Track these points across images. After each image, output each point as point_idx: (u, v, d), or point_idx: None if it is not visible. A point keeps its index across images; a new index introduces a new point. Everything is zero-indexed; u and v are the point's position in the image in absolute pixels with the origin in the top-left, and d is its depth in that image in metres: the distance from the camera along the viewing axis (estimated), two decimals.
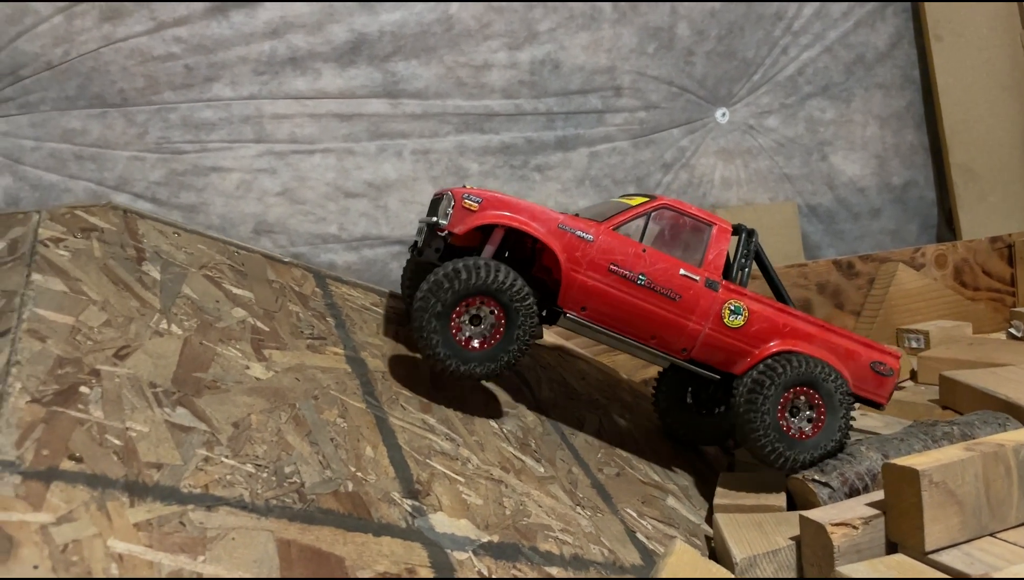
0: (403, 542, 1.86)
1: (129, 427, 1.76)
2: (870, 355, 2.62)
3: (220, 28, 3.94)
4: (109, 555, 1.48)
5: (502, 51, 4.25)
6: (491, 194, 2.49)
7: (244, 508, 1.73)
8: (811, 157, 4.62)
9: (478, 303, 2.38)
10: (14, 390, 1.70)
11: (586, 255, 2.48)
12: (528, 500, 2.23)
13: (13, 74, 3.73)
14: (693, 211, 2.63)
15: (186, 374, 2.01)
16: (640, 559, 2.22)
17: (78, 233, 2.30)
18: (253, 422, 1.98)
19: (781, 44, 4.55)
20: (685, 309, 2.52)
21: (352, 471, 2.00)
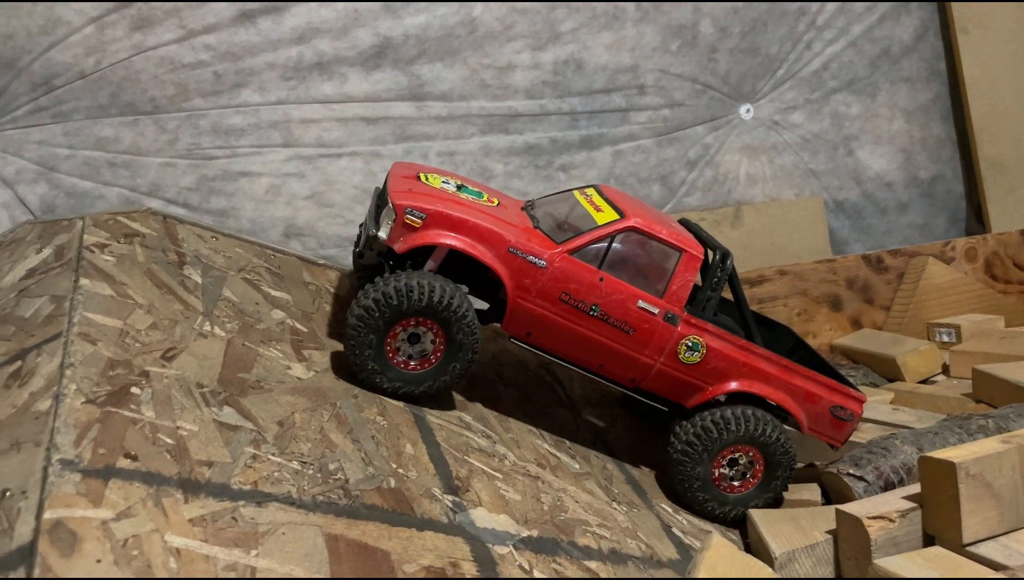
0: (446, 537, 1.89)
1: (180, 426, 1.81)
2: (832, 399, 2.52)
3: (248, 35, 4.00)
4: (167, 549, 1.52)
5: (525, 52, 4.28)
6: (437, 209, 2.29)
7: (292, 504, 1.77)
8: (837, 152, 4.60)
9: (414, 323, 2.26)
10: (69, 391, 1.76)
11: (536, 282, 2.31)
12: (565, 496, 2.25)
13: (47, 84, 3.81)
14: (663, 235, 2.41)
15: (231, 375, 2.06)
16: (676, 553, 2.24)
17: (121, 238, 2.36)
18: (297, 421, 2.02)
19: (805, 39, 4.54)
20: (639, 343, 2.38)
21: (393, 468, 2.03)
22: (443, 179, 2.60)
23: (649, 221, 2.42)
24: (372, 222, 2.38)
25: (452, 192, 2.47)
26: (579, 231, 2.40)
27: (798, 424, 2.51)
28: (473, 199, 2.46)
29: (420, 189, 2.41)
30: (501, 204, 2.53)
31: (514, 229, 2.35)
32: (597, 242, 2.36)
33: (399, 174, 2.55)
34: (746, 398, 2.49)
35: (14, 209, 3.87)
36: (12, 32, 3.70)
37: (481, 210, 2.38)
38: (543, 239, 2.38)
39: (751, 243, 4.40)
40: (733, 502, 2.49)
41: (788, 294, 3.79)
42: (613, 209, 2.48)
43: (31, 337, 1.98)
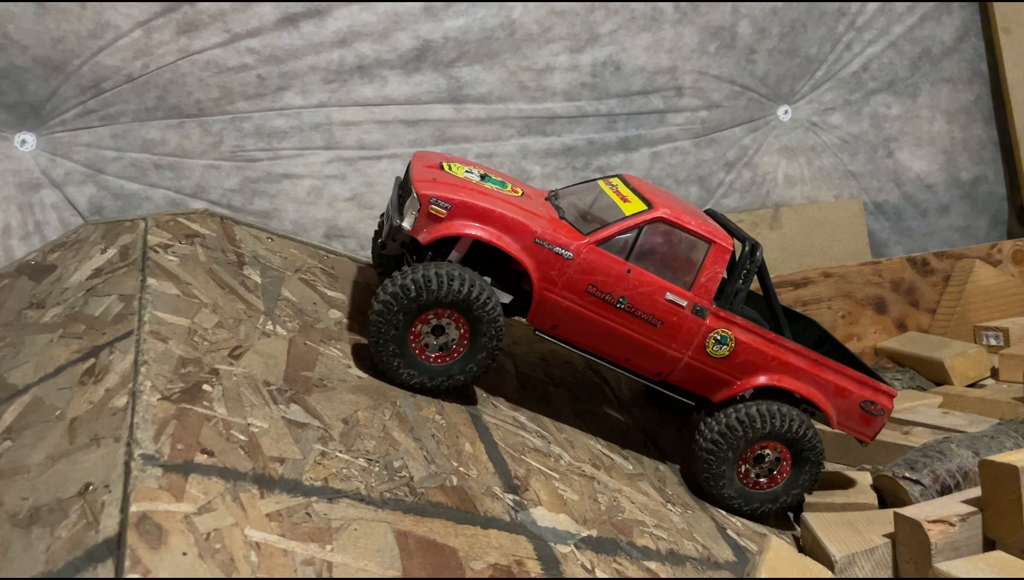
0: (509, 535, 1.90)
1: (251, 423, 1.84)
2: (862, 393, 2.47)
3: (291, 38, 4.05)
4: (247, 543, 1.55)
5: (564, 54, 4.29)
6: (463, 199, 2.25)
7: (362, 500, 1.79)
8: (876, 153, 4.56)
9: (439, 315, 2.22)
10: (145, 388, 1.79)
11: (563, 274, 2.27)
12: (620, 496, 2.26)
13: (95, 87, 3.88)
14: (692, 226, 2.36)
15: (295, 373, 2.09)
16: (733, 555, 2.23)
17: (183, 239, 2.40)
18: (360, 418, 2.05)
19: (844, 40, 4.51)
20: (666, 336, 2.33)
21: (455, 466, 2.05)
22: (466, 168, 2.56)
23: (677, 212, 2.38)
24: (395, 212, 2.34)
25: (476, 182, 2.43)
26: (606, 222, 2.36)
27: (828, 419, 2.47)
28: (498, 189, 2.43)
29: (444, 179, 2.37)
30: (525, 194, 2.50)
31: (540, 220, 2.31)
32: (625, 233, 2.32)
33: (422, 163, 2.51)
34: (774, 392, 2.45)
35: (63, 210, 3.95)
36: (62, 36, 3.77)
37: (506, 200, 2.34)
38: (569, 230, 2.33)
39: (789, 245, 4.38)
40: (759, 499, 2.46)
41: (832, 296, 3.77)
42: (640, 199, 2.43)
43: (102, 335, 2.03)
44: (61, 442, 1.76)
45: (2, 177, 3.85)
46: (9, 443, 1.83)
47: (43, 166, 3.85)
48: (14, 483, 1.71)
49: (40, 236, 3.88)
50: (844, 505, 2.47)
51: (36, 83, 3.78)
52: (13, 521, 1.62)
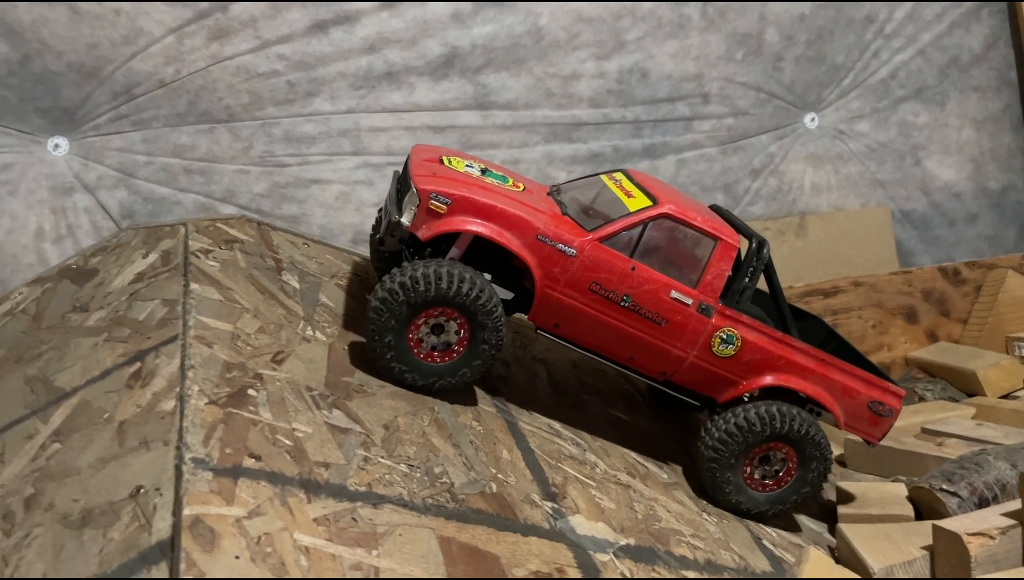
0: (549, 542, 1.91)
1: (295, 428, 1.86)
2: (870, 394, 2.43)
3: (320, 45, 4.08)
4: (297, 547, 1.56)
5: (590, 61, 4.30)
6: (463, 194, 2.19)
7: (405, 506, 1.80)
8: (904, 162, 4.54)
9: (438, 314, 2.17)
10: (192, 392, 1.81)
11: (566, 271, 2.22)
12: (656, 505, 2.26)
13: (127, 92, 3.93)
14: (698, 222, 2.32)
15: (335, 378, 2.11)
16: (769, 566, 2.23)
17: (223, 245, 2.42)
18: (400, 424, 2.06)
19: (872, 48, 4.50)
20: (671, 335, 2.29)
21: (493, 473, 2.06)
22: (467, 162, 2.51)
23: (683, 208, 2.33)
24: (394, 207, 2.28)
25: (477, 176, 2.38)
26: (609, 218, 2.30)
27: (835, 420, 2.42)
28: (499, 184, 2.38)
29: (444, 173, 2.32)
30: (527, 189, 2.46)
31: (542, 216, 2.25)
32: (629, 229, 2.27)
33: (421, 157, 2.45)
34: (780, 392, 2.40)
35: (95, 214, 3.99)
36: (96, 42, 3.82)
37: (508, 195, 2.29)
38: (572, 226, 2.28)
39: (816, 253, 4.36)
40: (763, 501, 2.42)
41: (863, 306, 3.75)
42: (645, 195, 2.38)
43: (147, 339, 2.05)
44: (110, 445, 1.78)
45: (35, 181, 3.90)
46: (58, 445, 1.85)
47: (76, 170, 3.90)
48: (65, 485, 1.73)
49: (72, 239, 3.93)
50: (880, 517, 2.46)
51: (70, 88, 3.84)
52: (65, 522, 1.65)
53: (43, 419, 1.95)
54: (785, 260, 4.35)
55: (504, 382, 2.53)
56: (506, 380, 2.55)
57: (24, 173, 3.90)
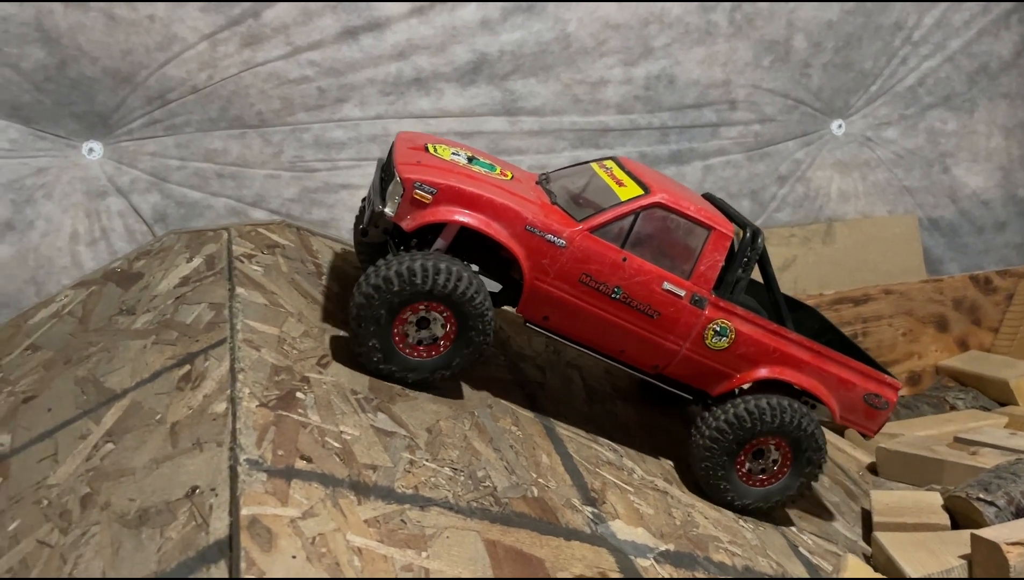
0: (591, 547, 1.93)
1: (343, 431, 1.89)
2: (866, 386, 2.38)
3: (351, 51, 4.13)
4: (350, 548, 1.59)
5: (617, 67, 4.32)
6: (449, 183, 2.12)
7: (451, 509, 1.82)
8: (932, 169, 4.53)
9: (424, 308, 2.10)
10: (243, 395, 1.84)
11: (555, 262, 2.16)
12: (694, 511, 2.27)
13: (161, 98, 3.98)
14: (691, 212, 2.25)
15: (378, 382, 2.13)
16: (807, 573, 2.23)
17: (264, 249, 2.46)
18: (442, 428, 2.08)
19: (900, 54, 4.49)
20: (663, 328, 2.24)
21: (534, 477, 2.08)
22: (453, 150, 2.45)
23: (676, 196, 2.27)
24: (378, 197, 2.22)
25: (463, 164, 2.32)
26: (600, 207, 2.24)
27: (830, 413, 2.37)
28: (486, 172, 2.32)
29: (429, 162, 2.26)
30: (515, 177, 2.41)
31: (531, 205, 2.20)
32: (620, 219, 2.20)
33: (406, 145, 2.38)
34: (775, 385, 2.35)
35: (128, 217, 4.05)
36: (131, 48, 3.88)
37: (495, 184, 2.23)
38: (562, 216, 2.22)
39: (843, 260, 4.36)
40: (758, 496, 2.37)
41: (893, 314, 3.74)
42: (637, 183, 2.32)
43: (195, 342, 2.09)
44: (163, 445, 1.82)
45: (70, 184, 3.96)
46: (111, 445, 1.89)
47: (109, 174, 3.96)
48: (120, 484, 1.77)
49: (106, 242, 3.99)
50: (916, 525, 2.45)
51: (105, 93, 3.90)
52: (122, 521, 1.68)
53: (95, 420, 1.99)
54: (811, 267, 4.35)
55: (540, 387, 2.55)
56: (542, 385, 2.56)
57: (59, 177, 3.97)
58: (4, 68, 3.73)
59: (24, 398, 2.20)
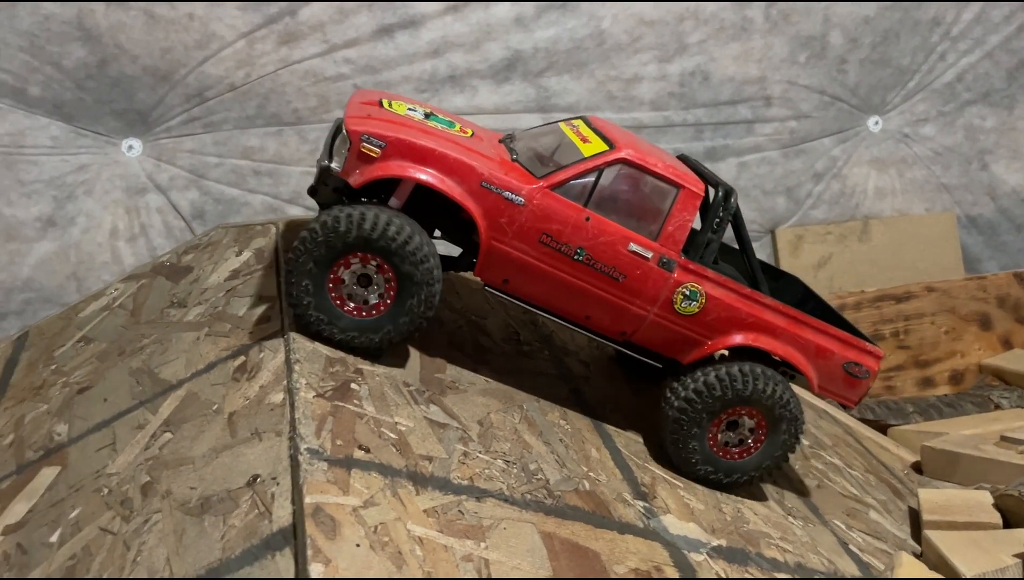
0: (645, 541, 1.92)
1: (397, 422, 1.90)
2: (845, 354, 2.24)
3: (386, 49, 4.15)
4: (412, 538, 1.59)
5: (652, 64, 4.31)
6: (398, 136, 2.00)
7: (506, 501, 1.82)
8: (971, 166, 4.47)
9: (361, 261, 1.98)
10: (300, 385, 1.86)
11: (514, 222, 2.03)
12: (743, 507, 2.25)
13: (199, 96, 4.02)
14: (658, 169, 2.13)
15: (429, 375, 2.14)
16: (858, 571, 2.21)
17: None
18: (493, 421, 2.08)
19: (939, 50, 4.43)
20: (629, 291, 2.12)
21: (584, 471, 2.08)
22: (409, 106, 2.32)
23: (643, 153, 2.15)
24: (325, 152, 2.12)
25: (419, 119, 2.20)
26: (562, 165, 2.12)
27: (808, 382, 2.26)
28: (443, 128, 2.20)
29: (380, 115, 2.14)
30: (476, 135, 2.28)
31: (488, 161, 2.07)
32: (583, 176, 2.08)
33: (359, 100, 2.27)
34: (749, 354, 2.22)
35: (167, 214, 4.10)
36: (170, 46, 3.92)
37: (450, 139, 2.11)
38: (522, 173, 2.10)
39: (879, 259, 4.31)
40: (731, 469, 2.25)
41: (935, 311, 3.70)
42: (602, 140, 2.20)
43: (249, 333, 2.10)
44: (222, 435, 1.83)
45: (110, 181, 4.01)
46: (169, 435, 1.91)
47: (148, 171, 4.00)
48: (180, 473, 1.79)
49: (145, 238, 4.04)
50: (967, 524, 2.42)
51: (144, 91, 3.94)
52: (184, 509, 1.70)
53: (151, 410, 2.01)
54: (847, 266, 4.31)
55: (586, 382, 2.54)
56: (587, 380, 2.56)
57: (99, 174, 4.02)
58: (46, 66, 3.79)
59: (79, 389, 2.23)
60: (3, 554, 1.83)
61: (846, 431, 3.19)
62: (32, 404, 2.29)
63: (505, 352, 2.45)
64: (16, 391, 2.41)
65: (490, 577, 1.59)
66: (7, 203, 3.90)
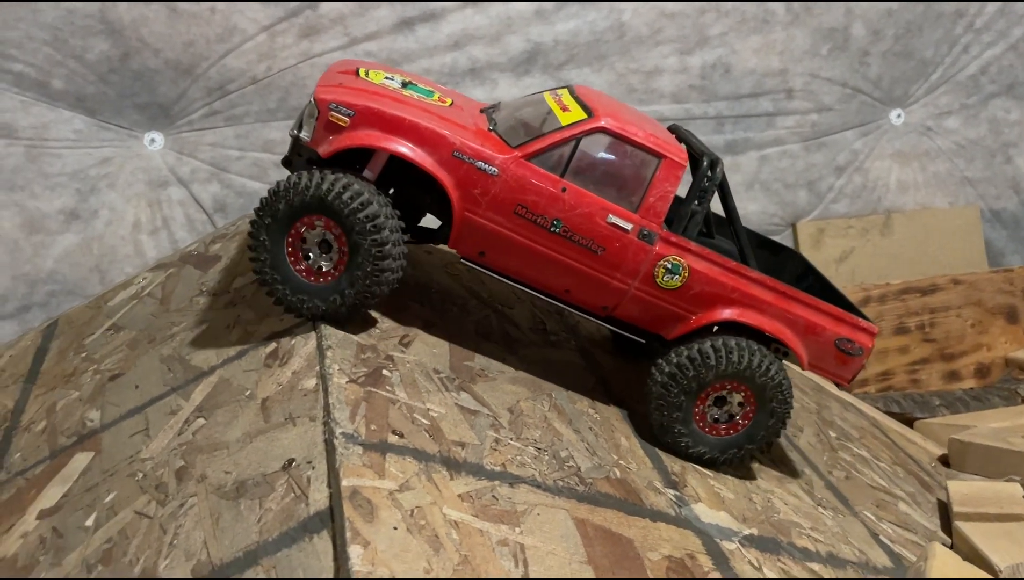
0: (677, 529, 1.91)
1: (429, 408, 1.90)
2: (837, 331, 2.16)
3: (407, 42, 4.15)
4: (448, 522, 1.59)
5: (673, 56, 4.29)
6: (367, 105, 1.96)
7: (539, 487, 1.82)
8: (994, 159, 4.42)
9: (327, 227, 1.94)
10: (333, 371, 1.86)
11: (487, 193, 1.98)
12: (773, 497, 2.24)
13: (221, 89, 4.04)
14: (638, 138, 2.05)
15: (459, 362, 2.14)
16: (889, 561, 2.19)
17: None
18: (523, 408, 2.08)
19: (962, 42, 4.39)
20: (609, 265, 2.05)
21: (615, 459, 2.07)
22: (387, 75, 2.26)
23: (623, 121, 2.07)
24: (296, 122, 2.09)
25: (394, 88, 2.14)
26: (539, 133, 2.06)
27: (798, 359, 2.19)
28: (419, 97, 2.14)
29: (353, 84, 2.09)
30: (455, 105, 2.22)
31: (462, 131, 2.02)
32: (560, 145, 2.02)
33: (336, 70, 2.24)
34: (736, 329, 2.15)
35: (188, 207, 4.12)
36: (192, 40, 3.94)
37: (423, 108, 2.06)
38: (497, 143, 2.04)
39: (902, 252, 4.28)
40: (717, 446, 2.19)
41: (962, 304, 3.67)
42: (582, 108, 2.12)
43: (280, 321, 2.11)
44: (255, 420, 1.84)
45: (132, 175, 4.04)
46: (202, 420, 1.92)
47: (171, 164, 4.02)
48: (215, 458, 1.79)
49: (167, 231, 4.06)
50: (998, 516, 2.40)
51: (166, 85, 3.96)
52: (220, 493, 1.70)
53: (184, 396, 2.02)
54: (869, 259, 4.28)
55: (613, 373, 2.54)
56: (615, 371, 2.55)
57: (122, 167, 4.05)
58: (69, 60, 3.81)
59: (110, 376, 2.25)
60: (39, 538, 1.84)
61: (872, 424, 3.17)
62: (63, 391, 2.31)
63: (533, 341, 2.45)
64: (47, 379, 2.43)
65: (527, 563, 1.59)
66: (31, 195, 3.93)
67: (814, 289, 2.32)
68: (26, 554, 1.81)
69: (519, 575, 1.56)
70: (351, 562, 1.41)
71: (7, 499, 2.00)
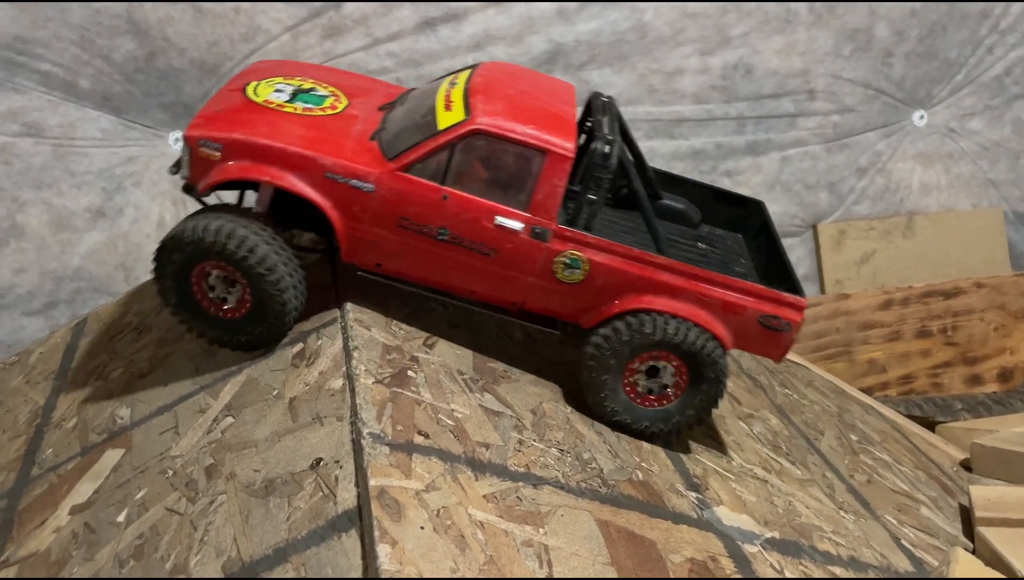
0: (699, 531, 1.92)
1: (454, 409, 1.92)
2: (759, 308, 2.11)
3: (428, 42, 4.17)
4: (473, 522, 1.61)
5: (694, 57, 4.28)
6: (233, 137, 1.95)
7: (562, 488, 1.84)
8: (1018, 161, 4.38)
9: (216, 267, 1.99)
10: (360, 372, 1.89)
11: (367, 209, 1.96)
12: (795, 500, 2.24)
13: None
14: (516, 135, 1.98)
15: (482, 364, 2.16)
16: (911, 566, 2.19)
17: None
18: (546, 410, 2.10)
19: (987, 43, 4.35)
20: (504, 265, 2.03)
21: (637, 461, 2.08)
22: (280, 84, 2.21)
23: (501, 117, 2.00)
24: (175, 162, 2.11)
25: (276, 105, 2.10)
26: (415, 141, 2.01)
27: (719, 340, 2.13)
28: (303, 109, 2.10)
29: (230, 108, 2.08)
30: (348, 109, 2.17)
31: (335, 147, 1.99)
32: (436, 153, 1.97)
33: (227, 87, 2.24)
34: None
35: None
36: (217, 39, 3.99)
37: (302, 126, 2.03)
38: (375, 155, 2.00)
39: (924, 255, 4.25)
40: (646, 416, 2.17)
41: (985, 307, 3.64)
42: (464, 106, 2.04)
43: (306, 321, 2.14)
44: (283, 419, 1.87)
45: (158, 173, 4.09)
46: (231, 419, 1.95)
47: None
48: (243, 456, 1.83)
49: None
50: (1021, 521, 2.38)
51: (191, 84, 4.01)
52: (249, 491, 1.74)
53: (212, 394, 2.05)
54: (891, 261, 4.25)
55: None
56: None
57: (147, 165, 4.10)
58: (96, 59, 3.87)
59: (140, 374, 2.29)
60: (71, 533, 1.88)
61: (894, 427, 3.15)
62: (93, 388, 2.35)
63: (553, 343, 2.46)
64: (77, 376, 2.48)
65: (551, 564, 1.61)
66: (58, 193, 3.99)
67: (762, 249, 2.26)
68: (59, 548, 1.85)
69: (544, 575, 1.57)
70: (380, 561, 1.43)
71: (40, 494, 2.05)
